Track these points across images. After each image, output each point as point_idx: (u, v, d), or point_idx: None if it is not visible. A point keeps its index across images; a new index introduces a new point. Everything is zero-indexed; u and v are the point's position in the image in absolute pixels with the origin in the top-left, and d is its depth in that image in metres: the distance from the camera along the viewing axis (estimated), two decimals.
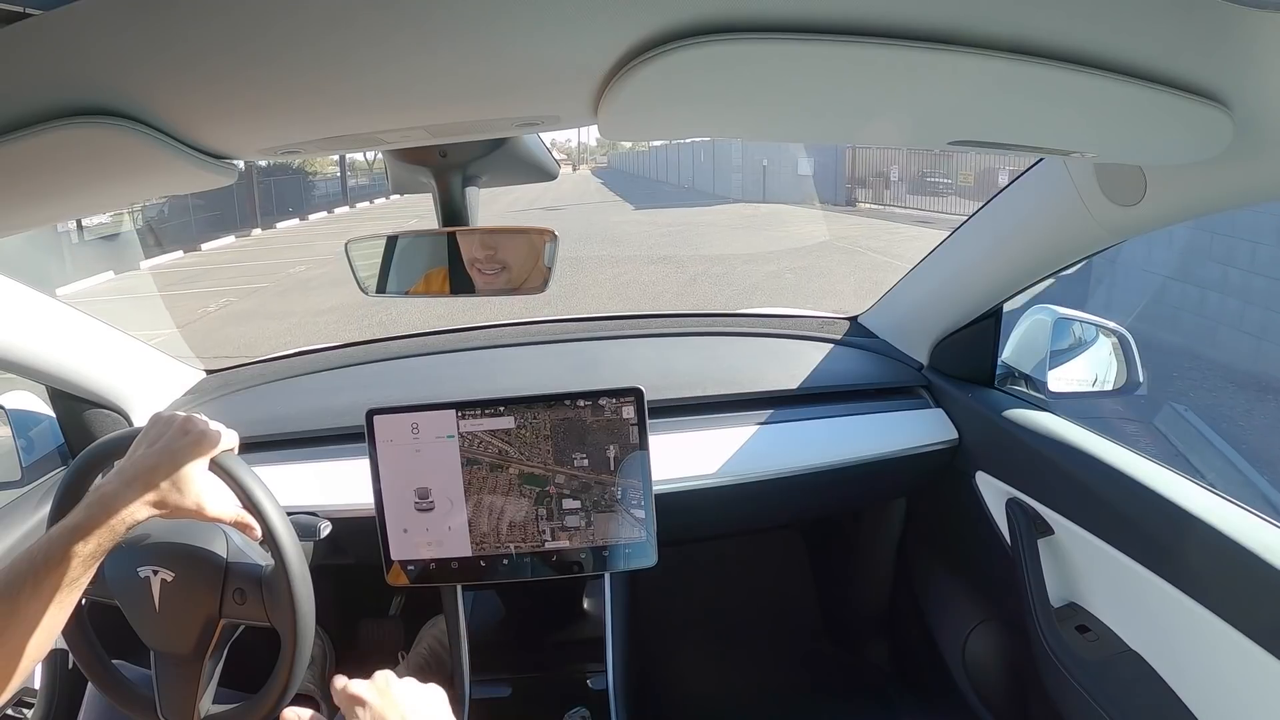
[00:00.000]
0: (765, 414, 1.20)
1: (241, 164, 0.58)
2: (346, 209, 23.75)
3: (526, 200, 17.81)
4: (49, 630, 0.62)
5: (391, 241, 0.83)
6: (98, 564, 0.65)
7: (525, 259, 0.79)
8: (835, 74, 0.45)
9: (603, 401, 0.91)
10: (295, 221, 19.52)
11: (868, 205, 15.34)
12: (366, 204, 25.49)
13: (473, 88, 0.46)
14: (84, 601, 0.71)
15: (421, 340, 1.45)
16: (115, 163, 0.50)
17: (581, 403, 0.91)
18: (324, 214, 21.61)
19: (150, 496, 0.67)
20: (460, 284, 0.80)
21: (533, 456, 0.92)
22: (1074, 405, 1.18)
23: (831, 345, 1.37)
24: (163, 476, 0.69)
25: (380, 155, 0.77)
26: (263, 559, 0.85)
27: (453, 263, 0.79)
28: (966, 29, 0.41)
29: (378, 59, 0.41)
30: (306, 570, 0.81)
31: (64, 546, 0.62)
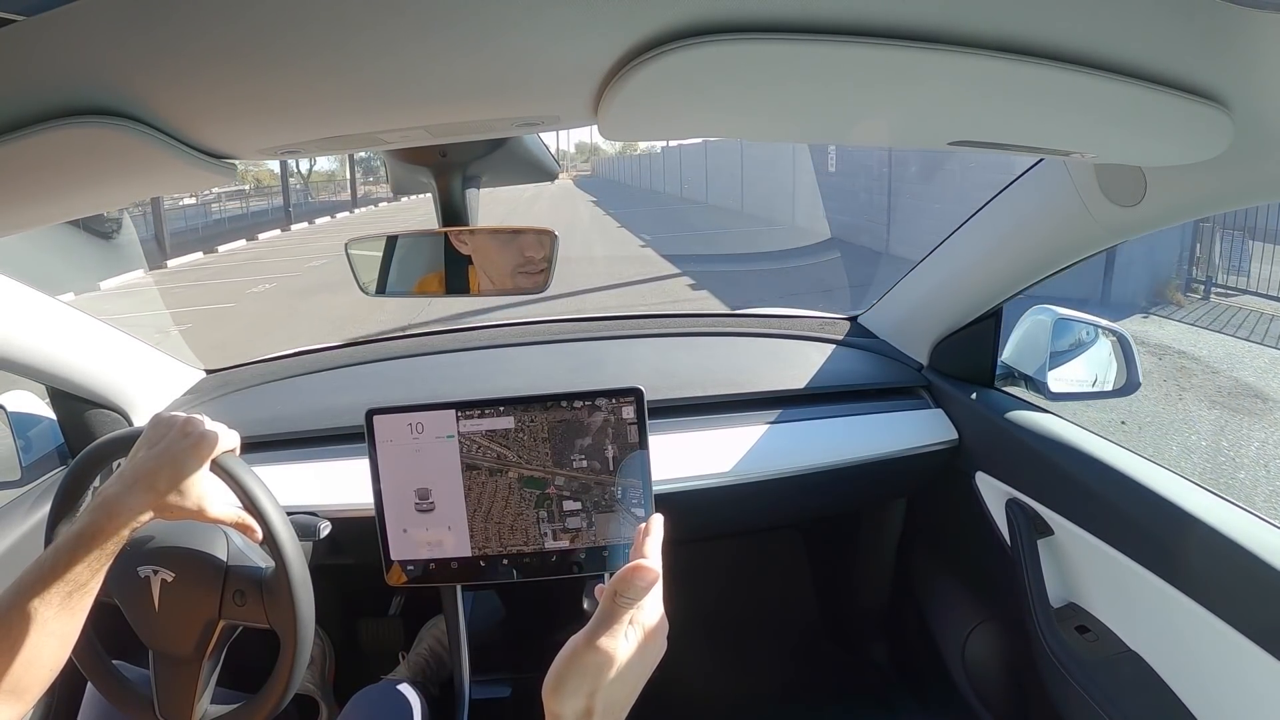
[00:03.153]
0: (766, 414, 1.20)
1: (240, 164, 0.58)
2: (138, 274, 11.66)
3: None
4: (63, 637, 0.62)
5: (391, 242, 0.83)
6: (105, 568, 0.65)
7: (526, 259, 0.79)
8: (835, 74, 0.45)
9: (599, 402, 0.91)
10: None
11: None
12: (196, 255, 14.57)
13: (473, 88, 0.46)
14: None
15: (422, 340, 1.45)
16: (115, 163, 0.50)
17: (579, 403, 0.91)
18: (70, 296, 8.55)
19: (152, 499, 0.67)
20: (460, 284, 0.80)
21: (532, 460, 0.92)
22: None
23: (832, 346, 1.37)
24: (164, 479, 0.69)
25: (299, 165, 0.76)
26: (263, 561, 0.85)
27: (453, 263, 0.80)
28: (966, 29, 0.41)
29: (379, 60, 0.41)
30: (307, 573, 0.81)
31: (70, 552, 0.62)
